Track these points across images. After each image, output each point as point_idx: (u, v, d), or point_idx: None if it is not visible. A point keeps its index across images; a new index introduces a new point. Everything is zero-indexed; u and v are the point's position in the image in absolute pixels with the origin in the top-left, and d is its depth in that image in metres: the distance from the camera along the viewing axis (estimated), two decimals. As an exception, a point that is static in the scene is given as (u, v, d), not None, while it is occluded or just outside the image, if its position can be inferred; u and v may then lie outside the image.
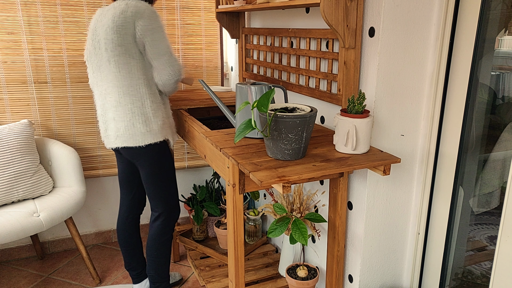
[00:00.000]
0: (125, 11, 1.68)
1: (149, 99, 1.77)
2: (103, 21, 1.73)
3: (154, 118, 1.79)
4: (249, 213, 2.45)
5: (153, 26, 1.70)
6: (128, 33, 1.68)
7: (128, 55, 1.72)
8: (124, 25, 1.68)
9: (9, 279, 2.39)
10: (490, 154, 1.52)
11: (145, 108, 1.78)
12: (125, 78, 1.73)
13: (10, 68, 2.36)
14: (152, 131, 1.80)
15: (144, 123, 1.78)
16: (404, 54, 1.49)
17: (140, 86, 1.75)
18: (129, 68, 1.73)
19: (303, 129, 1.29)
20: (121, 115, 1.77)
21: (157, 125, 1.80)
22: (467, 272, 1.66)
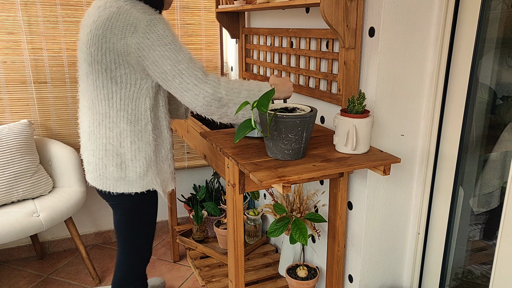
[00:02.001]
0: (113, 18, 1.27)
1: (129, 137, 1.37)
2: (88, 20, 1.35)
3: (133, 162, 1.39)
4: (249, 213, 2.45)
5: (153, 39, 1.25)
6: (112, 50, 1.27)
7: (109, 77, 1.31)
8: (107, 37, 1.26)
9: (8, 279, 2.39)
10: (490, 154, 1.52)
11: (122, 148, 1.38)
12: (101, 105, 1.35)
13: (10, 68, 2.36)
14: (127, 179, 1.41)
15: (118, 167, 1.40)
16: (404, 54, 1.49)
17: (120, 120, 1.35)
18: (108, 94, 1.34)
19: (303, 129, 1.29)
20: (93, 148, 1.41)
21: (135, 172, 1.41)
22: (467, 272, 1.66)
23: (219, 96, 1.30)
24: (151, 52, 1.25)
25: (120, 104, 1.34)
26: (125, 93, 1.33)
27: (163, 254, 2.65)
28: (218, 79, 1.32)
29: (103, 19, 1.28)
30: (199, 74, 1.28)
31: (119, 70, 1.30)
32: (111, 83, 1.32)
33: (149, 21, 1.25)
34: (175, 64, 1.26)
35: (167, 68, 1.26)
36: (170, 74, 1.27)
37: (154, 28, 1.25)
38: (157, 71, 1.28)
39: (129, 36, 1.25)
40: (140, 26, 1.25)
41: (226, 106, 1.32)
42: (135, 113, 1.36)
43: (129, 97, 1.34)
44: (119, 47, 1.27)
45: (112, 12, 1.28)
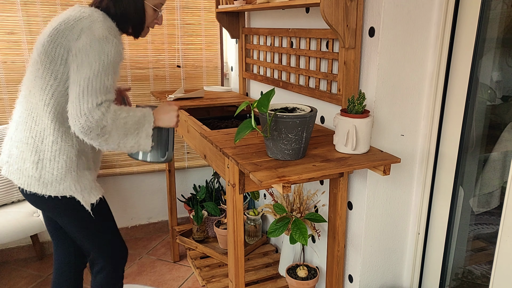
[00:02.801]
0: (79, 20, 1.31)
1: (52, 136, 1.33)
2: (57, 18, 1.38)
3: (51, 163, 1.34)
4: (249, 213, 2.45)
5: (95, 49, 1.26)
6: (64, 46, 1.30)
7: (51, 70, 1.31)
8: (65, 33, 1.30)
9: (8, 279, 2.39)
10: (490, 154, 1.52)
11: (43, 145, 1.34)
12: (35, 95, 1.34)
13: (10, 68, 2.36)
14: (42, 180, 1.35)
15: (34, 165, 1.34)
16: (404, 54, 1.49)
17: (45, 115, 1.32)
18: (43, 85, 1.32)
19: (303, 129, 1.29)
20: (17, 139, 1.37)
21: (51, 174, 1.34)
22: (467, 272, 1.66)
23: (104, 125, 1.26)
24: (83, 55, 1.26)
25: (50, 99, 1.31)
26: (59, 90, 1.31)
27: (163, 254, 2.66)
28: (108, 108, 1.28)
29: (71, 18, 1.32)
30: (99, 100, 1.25)
31: (61, 66, 1.30)
32: (50, 76, 1.31)
33: (105, 38, 1.28)
34: (92, 77, 1.25)
35: (83, 74, 1.25)
36: (80, 79, 1.25)
37: (103, 44, 1.27)
38: (74, 70, 1.27)
39: (83, 37, 1.27)
40: (95, 35, 1.27)
41: (108, 134, 1.29)
42: (62, 113, 1.33)
43: (61, 96, 1.32)
44: (72, 45, 1.28)
45: (82, 16, 1.32)
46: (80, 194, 1.40)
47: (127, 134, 1.34)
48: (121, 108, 1.33)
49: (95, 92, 1.25)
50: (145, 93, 2.70)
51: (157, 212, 2.94)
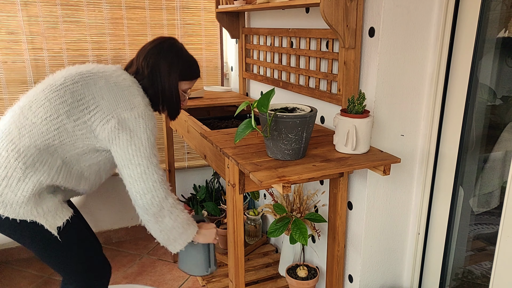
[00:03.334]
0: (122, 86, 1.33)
1: (32, 157, 1.26)
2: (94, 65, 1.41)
3: (18, 183, 1.25)
4: (249, 213, 2.45)
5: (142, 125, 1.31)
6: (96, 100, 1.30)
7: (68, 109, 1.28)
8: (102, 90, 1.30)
9: (9, 279, 2.39)
10: (490, 154, 1.52)
11: (16, 162, 1.25)
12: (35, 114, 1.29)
13: (10, 68, 2.36)
14: (2, 199, 1.25)
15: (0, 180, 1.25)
16: (404, 54, 1.49)
17: (39, 140, 1.27)
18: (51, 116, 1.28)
19: (303, 129, 1.29)
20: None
21: (14, 195, 1.25)
22: (467, 272, 1.66)
23: (163, 206, 1.33)
24: (132, 134, 1.29)
25: (54, 129, 1.28)
26: (68, 127, 1.29)
27: (163, 254, 2.66)
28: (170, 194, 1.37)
29: (112, 80, 1.34)
30: (162, 177, 1.34)
31: (84, 115, 1.29)
32: (64, 112, 1.28)
33: (146, 113, 1.33)
34: (146, 157, 1.30)
35: (137, 154, 1.29)
36: (136, 162, 1.29)
37: (147, 120, 1.32)
38: (125, 152, 1.29)
39: (120, 109, 1.29)
40: (137, 109, 1.31)
41: (160, 217, 1.34)
42: (59, 145, 1.29)
43: (69, 133, 1.29)
44: (104, 105, 1.29)
45: (123, 84, 1.34)
46: (43, 218, 1.30)
47: (173, 228, 1.39)
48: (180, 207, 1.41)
49: (154, 169, 1.32)
50: (145, 93, 2.70)
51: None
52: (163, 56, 1.44)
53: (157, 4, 2.59)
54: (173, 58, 1.45)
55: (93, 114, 1.29)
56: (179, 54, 1.47)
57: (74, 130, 1.30)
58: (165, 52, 1.44)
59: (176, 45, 1.49)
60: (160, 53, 1.44)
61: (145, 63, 1.43)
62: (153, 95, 1.44)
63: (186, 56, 1.50)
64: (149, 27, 2.60)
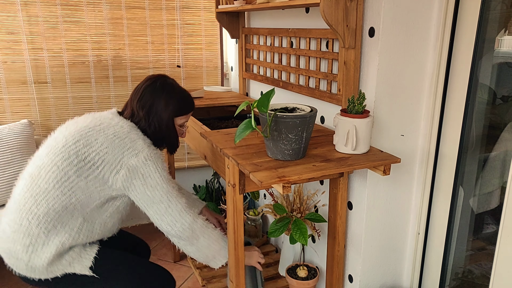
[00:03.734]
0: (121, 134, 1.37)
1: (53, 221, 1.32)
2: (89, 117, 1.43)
3: (43, 248, 1.31)
4: (249, 213, 2.45)
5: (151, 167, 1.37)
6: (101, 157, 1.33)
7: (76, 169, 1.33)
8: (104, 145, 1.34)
9: (9, 279, 2.39)
10: (490, 154, 1.52)
11: (37, 229, 1.30)
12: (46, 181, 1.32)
13: (10, 68, 2.36)
14: (30, 264, 1.31)
15: (24, 248, 1.31)
16: (404, 54, 1.49)
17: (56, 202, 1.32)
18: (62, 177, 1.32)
19: (303, 129, 1.29)
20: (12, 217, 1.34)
21: (40, 259, 1.31)
22: (467, 272, 1.66)
23: (194, 228, 1.42)
24: (145, 177, 1.36)
25: (68, 191, 1.32)
26: (81, 185, 1.33)
27: (164, 255, 2.66)
28: (197, 216, 1.47)
29: (111, 131, 1.37)
30: (184, 204, 1.43)
31: (92, 172, 1.33)
32: (74, 172, 1.33)
33: (152, 153, 1.39)
34: (165, 193, 1.38)
35: (156, 193, 1.37)
36: (158, 199, 1.38)
37: (154, 160, 1.38)
38: (144, 194, 1.36)
39: (127, 156, 1.34)
40: (142, 153, 1.37)
41: (194, 239, 1.44)
42: (76, 204, 1.35)
43: (83, 191, 1.34)
44: (110, 159, 1.34)
45: (122, 131, 1.38)
46: (70, 267, 1.36)
47: (209, 246, 1.49)
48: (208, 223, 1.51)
49: (175, 200, 1.40)
50: (145, 93, 2.70)
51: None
52: (156, 95, 1.47)
53: (157, 4, 2.59)
54: (166, 96, 1.49)
55: (101, 168, 1.34)
56: (171, 91, 1.50)
57: (88, 186, 1.35)
58: (157, 91, 1.48)
59: (167, 83, 1.52)
60: (153, 93, 1.47)
61: (139, 105, 1.47)
62: (152, 134, 1.48)
63: (179, 92, 1.53)
64: (149, 27, 2.60)
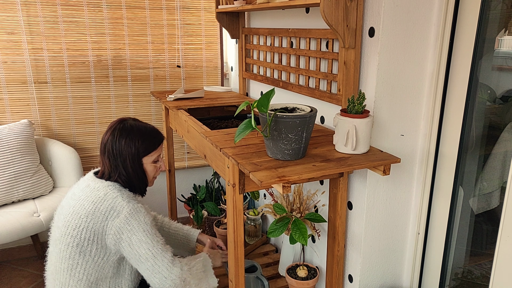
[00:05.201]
0: (98, 202, 1.39)
1: None
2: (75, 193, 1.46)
3: None
4: (249, 213, 2.45)
5: (133, 225, 1.37)
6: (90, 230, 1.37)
7: (78, 251, 1.38)
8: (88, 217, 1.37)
9: (9, 279, 2.39)
10: (490, 154, 1.52)
11: None
12: (63, 274, 1.40)
13: (10, 68, 2.36)
14: None
15: None
16: (404, 54, 1.49)
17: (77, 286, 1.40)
18: (72, 265, 1.39)
19: (303, 129, 1.29)
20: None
21: None
22: (467, 272, 1.66)
23: (184, 277, 1.43)
24: (130, 236, 1.37)
25: (82, 274, 1.40)
26: (90, 264, 1.40)
27: (163, 254, 2.65)
28: (180, 263, 1.45)
29: (89, 201, 1.40)
30: (169, 258, 1.41)
31: (90, 246, 1.38)
32: (79, 256, 1.38)
33: (132, 210, 1.39)
34: (149, 249, 1.38)
35: (142, 251, 1.37)
36: (144, 257, 1.38)
37: (135, 216, 1.38)
38: (132, 253, 1.38)
39: (110, 220, 1.37)
40: (123, 212, 1.37)
41: (188, 285, 1.45)
42: (95, 281, 1.42)
43: (94, 268, 1.41)
44: (98, 228, 1.37)
45: (99, 196, 1.40)
46: None
47: (201, 279, 1.52)
48: (188, 259, 1.52)
49: (161, 255, 1.39)
50: (145, 93, 2.70)
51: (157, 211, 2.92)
52: (117, 145, 1.45)
53: (157, 4, 2.59)
54: (126, 141, 1.46)
55: (96, 240, 1.38)
56: (130, 134, 1.46)
57: (95, 261, 1.40)
58: (117, 140, 1.45)
59: (125, 127, 1.47)
60: (114, 143, 1.45)
61: (106, 160, 1.47)
62: (127, 184, 1.47)
63: (138, 132, 1.48)
64: (149, 27, 2.60)
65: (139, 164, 1.48)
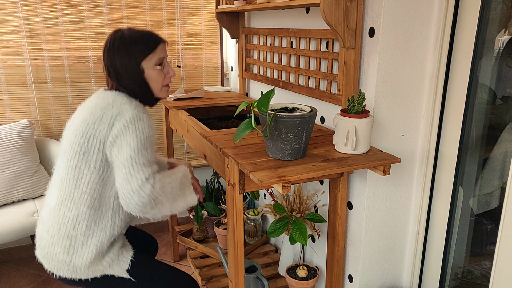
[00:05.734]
0: (106, 108, 1.34)
1: (85, 221, 1.36)
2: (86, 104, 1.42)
3: (83, 247, 1.36)
4: (249, 213, 2.45)
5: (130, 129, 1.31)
6: (97, 137, 1.32)
7: (85, 161, 1.34)
8: (96, 124, 1.33)
9: (9, 279, 2.39)
10: (490, 154, 1.52)
11: (75, 231, 1.36)
12: (68, 184, 1.36)
13: (10, 68, 2.36)
14: (72, 264, 1.36)
15: (65, 250, 1.36)
16: (404, 54, 1.49)
17: (82, 203, 1.35)
18: (78, 175, 1.35)
19: (303, 129, 1.29)
20: (49, 224, 1.39)
21: (81, 259, 1.36)
22: (467, 272, 1.66)
23: (155, 196, 1.30)
24: (122, 139, 1.29)
25: (86, 188, 1.35)
26: (95, 178, 1.35)
27: (163, 254, 2.66)
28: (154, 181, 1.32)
29: (97, 108, 1.35)
30: (147, 174, 1.29)
31: (96, 156, 1.33)
32: (84, 165, 1.34)
33: (135, 116, 1.32)
34: (131, 156, 1.28)
35: (124, 155, 1.28)
36: (123, 163, 1.28)
37: (136, 122, 1.31)
38: (117, 156, 1.30)
39: (116, 124, 1.31)
40: (125, 117, 1.31)
41: (160, 204, 1.34)
42: (99, 198, 1.37)
43: (99, 182, 1.35)
44: (104, 135, 1.32)
45: (107, 103, 1.35)
46: (110, 269, 1.40)
47: (176, 197, 1.40)
48: (164, 175, 1.38)
49: (140, 168, 1.29)
50: (145, 93, 2.70)
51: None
52: (111, 57, 1.40)
53: (157, 4, 2.59)
54: (121, 47, 1.39)
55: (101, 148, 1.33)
56: (123, 40, 1.39)
57: (100, 175, 1.35)
58: (112, 49, 1.40)
59: (117, 34, 1.41)
60: (109, 56, 1.40)
61: (109, 72, 1.42)
62: (132, 94, 1.41)
63: (131, 38, 1.40)
64: (149, 27, 2.60)
65: (138, 72, 1.40)
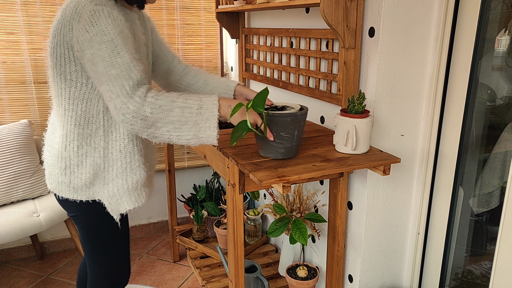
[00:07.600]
0: (67, 7, 1.14)
1: (76, 141, 1.24)
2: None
3: (79, 168, 1.26)
4: (249, 213, 2.45)
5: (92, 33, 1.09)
6: (62, 44, 1.15)
7: (59, 73, 1.19)
8: (59, 29, 1.14)
9: (8, 279, 2.39)
10: (490, 154, 1.52)
11: (66, 152, 1.26)
12: (54, 102, 1.26)
13: (10, 68, 2.36)
14: (72, 185, 1.29)
15: (62, 171, 1.28)
16: (404, 54, 1.49)
17: (67, 121, 1.23)
18: (57, 91, 1.22)
19: (295, 127, 1.29)
20: (49, 144, 1.33)
21: (80, 179, 1.27)
22: (467, 272, 1.66)
23: (143, 115, 1.12)
24: (88, 48, 1.10)
25: (68, 104, 1.21)
26: (74, 92, 1.20)
27: (163, 254, 2.66)
28: (145, 96, 1.13)
29: (60, 11, 1.17)
30: (127, 86, 1.11)
31: (68, 66, 1.17)
32: (60, 79, 1.19)
33: (93, 12, 1.09)
34: (107, 67, 1.10)
35: (100, 69, 1.10)
36: (102, 77, 1.11)
37: (96, 21, 1.09)
38: (92, 70, 1.12)
39: (75, 27, 1.11)
40: (84, 16, 1.09)
41: (154, 127, 1.15)
42: (85, 115, 1.23)
43: (79, 97, 1.21)
44: (68, 39, 1.13)
45: (67, 3, 1.15)
46: (106, 200, 1.31)
47: (185, 122, 1.16)
48: (162, 95, 1.15)
49: (119, 81, 1.10)
50: (145, 93, 2.70)
51: (157, 212, 2.94)
52: None
53: (157, 4, 2.59)
54: None
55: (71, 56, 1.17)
56: None
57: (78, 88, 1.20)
58: None
59: None
60: None
61: None
62: None
63: None
64: (149, 27, 2.60)
65: None
